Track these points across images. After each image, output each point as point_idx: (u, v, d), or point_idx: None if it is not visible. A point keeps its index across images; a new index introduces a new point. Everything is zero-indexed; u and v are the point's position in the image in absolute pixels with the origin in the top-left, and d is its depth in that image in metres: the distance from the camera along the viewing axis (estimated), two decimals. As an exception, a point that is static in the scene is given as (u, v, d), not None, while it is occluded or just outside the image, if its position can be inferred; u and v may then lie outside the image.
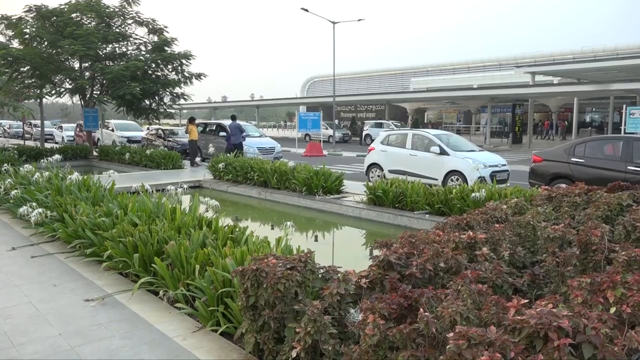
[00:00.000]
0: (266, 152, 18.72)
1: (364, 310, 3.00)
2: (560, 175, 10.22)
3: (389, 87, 64.97)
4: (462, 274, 3.65)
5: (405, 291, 3.25)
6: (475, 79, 52.59)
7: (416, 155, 12.72)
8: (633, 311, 3.25)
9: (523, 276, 4.33)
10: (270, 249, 4.92)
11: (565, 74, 38.18)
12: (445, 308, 2.87)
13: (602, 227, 4.76)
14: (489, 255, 4.29)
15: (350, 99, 53.52)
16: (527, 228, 5.26)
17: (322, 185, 11.11)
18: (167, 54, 21.09)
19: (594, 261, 4.42)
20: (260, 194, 12.18)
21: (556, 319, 2.67)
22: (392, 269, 3.97)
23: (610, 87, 29.50)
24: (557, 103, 44.47)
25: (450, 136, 13.60)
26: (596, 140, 10.93)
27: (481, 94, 37.01)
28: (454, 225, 5.32)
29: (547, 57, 48.46)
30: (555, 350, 2.54)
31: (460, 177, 11.60)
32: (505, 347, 2.49)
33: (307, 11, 31.25)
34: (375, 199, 9.85)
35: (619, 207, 6.00)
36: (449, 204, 8.62)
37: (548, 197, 6.74)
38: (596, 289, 3.45)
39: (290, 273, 3.49)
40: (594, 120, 50.79)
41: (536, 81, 36.52)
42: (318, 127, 29.70)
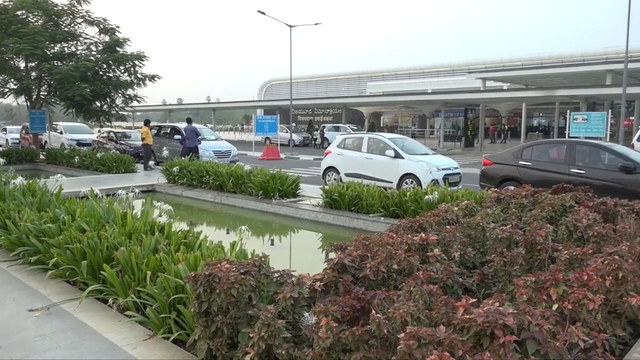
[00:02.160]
0: (222, 156, 18.50)
1: (317, 313, 3.01)
2: (509, 178, 10.59)
3: (346, 91, 65.62)
4: (414, 275, 3.72)
5: (358, 293, 3.28)
6: (430, 84, 53.85)
7: (372, 159, 12.89)
8: (574, 307, 3.40)
9: (473, 276, 4.46)
10: (225, 253, 4.86)
11: (514, 80, 39.69)
12: (397, 309, 2.92)
13: (546, 227, 4.97)
14: (440, 256, 4.39)
15: (308, 103, 53.67)
16: (477, 229, 5.41)
17: (279, 188, 11.08)
18: (119, 55, 20.51)
19: (539, 260, 4.60)
20: (216, 198, 12.02)
21: (502, 317, 2.76)
22: (346, 271, 4.00)
23: (555, 93, 30.83)
24: (506, 108, 46.11)
25: (405, 140, 13.85)
26: (542, 144, 11.40)
27: (435, 98, 37.91)
28: (407, 227, 5.41)
29: (497, 63, 50.20)
30: (501, 347, 2.62)
31: (414, 180, 11.83)
32: (453, 345, 2.55)
33: (263, 14, 31.15)
34: (332, 202, 9.91)
35: (562, 208, 6.28)
36: (403, 206, 8.77)
37: (497, 199, 6.97)
38: (540, 287, 3.60)
39: (243, 278, 3.46)
40: (541, 124, 52.95)
41: (487, 87, 37.76)
42: (275, 131, 29.62)
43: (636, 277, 3.79)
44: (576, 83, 35.71)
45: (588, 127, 20.89)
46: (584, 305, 3.37)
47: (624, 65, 22.04)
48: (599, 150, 10.13)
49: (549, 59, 47.06)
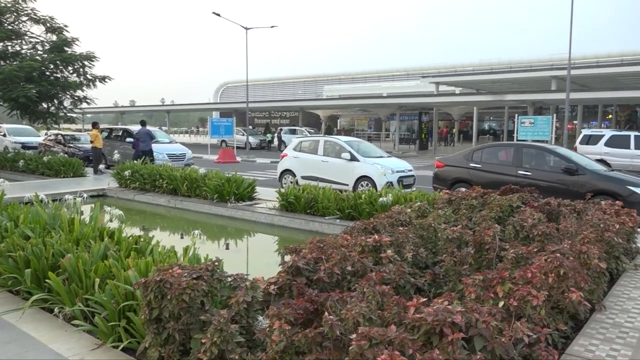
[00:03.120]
0: (176, 159, 18.15)
1: (270, 316, 3.00)
2: (460, 180, 10.89)
3: (303, 93, 65.77)
4: (367, 277, 3.77)
5: (312, 296, 3.29)
6: (386, 87, 54.77)
7: (328, 162, 12.96)
8: (519, 304, 3.53)
9: (425, 276, 4.56)
10: (177, 258, 4.77)
11: (466, 85, 40.87)
12: (349, 310, 2.95)
13: (494, 227, 5.14)
14: (393, 257, 4.47)
15: (265, 105, 53.47)
16: (429, 230, 5.54)
17: (235, 192, 10.98)
18: (67, 55, 19.79)
19: (487, 259, 4.76)
20: (170, 202, 11.78)
21: (450, 315, 2.84)
22: (300, 274, 4.01)
23: (505, 97, 31.95)
24: (459, 112, 47.39)
25: (361, 143, 14.01)
26: (491, 147, 11.78)
27: (390, 102, 38.55)
28: (361, 229, 5.48)
29: (450, 68, 51.58)
30: (449, 345, 2.69)
31: (369, 182, 11.97)
32: (404, 344, 2.60)
33: (219, 16, 30.80)
34: (288, 205, 9.90)
35: (510, 209, 6.51)
36: (358, 208, 8.87)
37: (448, 201, 7.16)
38: (487, 285, 3.72)
39: (196, 283, 3.41)
40: (492, 128, 54.75)
41: (440, 91, 38.73)
42: (231, 133, 29.32)
43: (577, 273, 3.98)
44: (524, 88, 37.14)
45: (535, 130, 21.76)
46: (529, 301, 3.51)
47: (567, 72, 23.11)
48: (544, 153, 10.57)
49: (499, 64, 48.78)
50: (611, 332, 3.94)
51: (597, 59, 43.86)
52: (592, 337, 3.83)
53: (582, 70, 31.69)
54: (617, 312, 4.39)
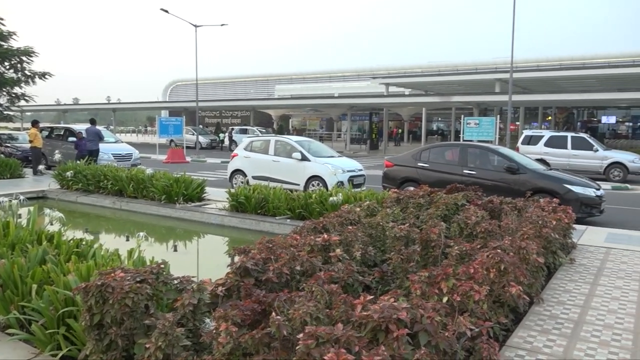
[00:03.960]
0: (122, 159, 17.58)
1: (216, 318, 2.96)
2: (409, 179, 11.13)
3: (255, 93, 65.27)
4: (316, 276, 3.78)
5: (259, 296, 3.27)
6: (337, 88, 55.16)
7: (279, 162, 12.92)
8: (462, 299, 3.64)
9: (373, 274, 4.63)
10: (121, 261, 4.62)
11: (415, 86, 41.80)
12: (297, 310, 2.95)
13: (440, 225, 5.28)
14: (342, 256, 4.50)
15: (215, 105, 52.66)
16: (377, 229, 5.63)
17: (183, 193, 10.75)
18: (2, 50, 18.74)
19: (433, 256, 4.88)
20: (115, 204, 11.40)
21: (396, 312, 2.89)
22: (249, 275, 3.97)
23: (452, 99, 32.90)
24: (408, 112, 48.42)
25: (312, 143, 14.05)
26: (438, 147, 12.11)
27: (341, 102, 38.89)
28: (310, 228, 5.49)
29: (400, 70, 52.56)
30: (395, 341, 2.74)
31: (320, 182, 12.03)
32: (350, 342, 2.63)
33: (167, 12, 30.08)
34: (238, 206, 9.79)
35: (455, 207, 6.70)
36: (309, 208, 8.89)
37: (397, 199, 7.29)
38: (432, 281, 3.81)
39: (139, 286, 3.31)
40: (440, 128, 56.24)
41: (390, 92, 39.41)
42: (180, 133, 28.71)
43: (516, 268, 4.15)
44: (470, 90, 38.38)
45: (480, 131, 22.53)
46: (471, 296, 3.63)
47: (510, 75, 24.06)
48: (487, 153, 10.96)
49: (446, 67, 50.13)
50: (548, 323, 4.14)
51: (538, 63, 45.88)
52: (531, 329, 4.00)
53: (524, 73, 33.08)
54: (553, 304, 4.61)
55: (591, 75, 31.48)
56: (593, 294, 4.91)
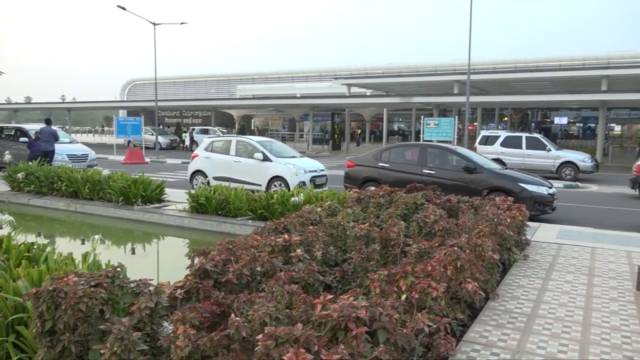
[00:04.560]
0: (78, 160, 17.03)
1: (174, 321, 2.91)
2: (370, 179, 11.24)
3: (216, 93, 64.52)
4: (276, 276, 3.77)
5: (218, 298, 3.24)
6: (299, 88, 55.13)
7: (240, 162, 12.82)
8: (420, 296, 3.71)
9: (334, 273, 4.65)
10: (75, 266, 4.48)
11: (376, 87, 42.29)
12: (256, 311, 2.94)
13: (399, 224, 5.36)
14: (303, 256, 4.51)
15: (175, 104, 51.73)
16: (338, 228, 5.66)
17: (142, 194, 10.51)
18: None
19: (393, 255, 4.95)
20: (70, 206, 11.03)
21: (355, 311, 2.92)
22: (208, 277, 3.92)
23: (412, 100, 33.42)
24: (370, 113, 48.87)
25: (273, 143, 14.00)
26: (398, 147, 12.29)
27: (304, 102, 38.86)
28: (271, 229, 5.48)
29: (361, 70, 53.03)
30: (354, 339, 2.77)
31: (282, 182, 12.00)
32: (309, 341, 2.64)
33: (124, 9, 29.34)
34: (198, 207, 9.66)
35: (415, 206, 6.82)
36: (270, 208, 8.86)
37: (357, 199, 7.36)
38: (392, 279, 3.87)
39: (94, 291, 3.22)
40: (401, 129, 57.07)
41: (352, 92, 39.72)
42: (139, 133, 28.06)
43: (472, 265, 4.26)
44: (430, 91, 39.10)
45: (439, 131, 22.99)
46: (429, 293, 3.70)
47: (467, 77, 24.66)
48: (446, 153, 11.20)
49: (407, 68, 50.89)
50: (503, 318, 4.27)
51: (495, 65, 47.18)
52: (486, 324, 4.12)
53: (481, 75, 33.95)
54: (508, 299, 4.76)
55: (544, 77, 32.64)
56: (545, 289, 5.10)
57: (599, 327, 4.10)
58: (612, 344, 3.77)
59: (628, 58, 41.72)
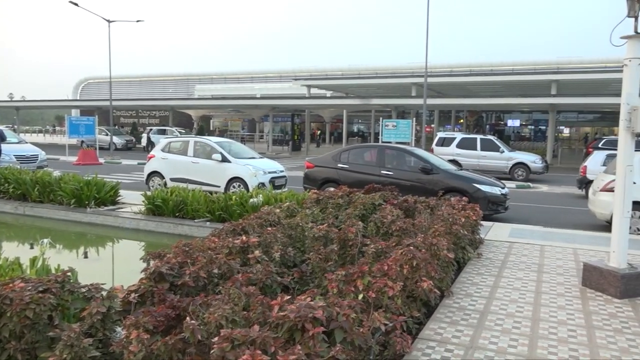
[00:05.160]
0: (27, 161, 16.34)
1: (127, 326, 2.85)
2: (329, 180, 11.30)
3: (174, 92, 63.29)
4: (233, 278, 3.75)
5: (174, 301, 3.19)
6: (259, 89, 54.81)
7: (198, 163, 12.63)
8: (377, 295, 3.76)
9: (292, 274, 4.66)
10: (22, 271, 4.31)
11: (336, 89, 42.52)
12: (212, 314, 2.91)
13: (357, 224, 5.42)
14: (261, 257, 4.49)
15: (131, 104, 50.39)
16: (297, 229, 5.67)
17: (95, 196, 10.20)
18: None
19: (351, 255, 5.00)
20: (17, 209, 10.58)
21: (312, 311, 2.93)
22: (163, 280, 3.86)
23: (371, 101, 33.81)
24: (330, 114, 49.09)
25: (232, 144, 13.87)
26: (357, 148, 12.41)
27: (263, 103, 38.69)
28: (229, 231, 5.43)
29: (321, 72, 53.22)
30: (310, 339, 2.78)
31: (241, 183, 11.90)
32: (266, 343, 2.63)
33: (77, 5, 28.40)
34: (155, 209, 9.46)
35: (373, 207, 6.91)
36: (229, 210, 8.77)
37: (316, 200, 7.39)
38: (349, 279, 3.90)
39: (42, 297, 3.11)
40: (361, 130, 57.62)
41: (312, 94, 39.77)
42: (92, 133, 27.20)
43: (428, 264, 4.35)
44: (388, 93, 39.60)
45: (397, 133, 23.34)
46: (385, 292, 3.76)
47: (424, 80, 25.16)
48: (404, 154, 11.39)
49: (366, 70, 51.45)
50: (457, 315, 4.38)
51: (451, 68, 48.33)
52: (441, 321, 4.22)
53: (438, 78, 34.68)
54: (462, 296, 4.88)
55: (498, 81, 33.68)
56: (497, 286, 5.26)
57: (547, 322, 4.27)
58: (559, 338, 3.94)
59: (576, 64, 43.60)
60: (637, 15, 4.87)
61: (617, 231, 5.08)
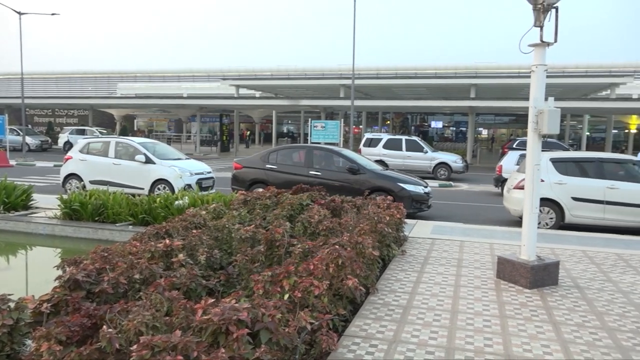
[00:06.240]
0: None
1: (36, 338, 2.68)
2: (257, 181, 11.23)
3: (94, 91, 60.20)
4: (155, 283, 3.64)
5: (90, 310, 3.04)
6: (186, 88, 53.34)
7: (120, 165, 12.11)
8: (303, 295, 3.79)
9: (219, 277, 4.58)
10: None
11: (265, 89, 42.29)
12: (131, 320, 2.80)
13: (284, 225, 5.43)
14: (185, 261, 4.38)
15: (47, 102, 47.35)
16: (223, 231, 5.58)
17: (4, 200, 9.49)
18: None
19: (278, 255, 4.99)
20: None
21: (236, 313, 2.90)
22: (79, 288, 3.67)
23: (300, 102, 33.97)
24: (259, 115, 48.79)
25: (157, 144, 13.43)
26: (285, 149, 12.43)
27: (191, 103, 37.71)
28: (152, 234, 5.26)
29: (250, 72, 52.77)
30: (235, 342, 2.76)
31: (167, 185, 11.55)
32: (188, 348, 2.58)
33: (-18, -5, 26.27)
34: (72, 213, 8.95)
35: (300, 207, 6.95)
36: (153, 213, 8.48)
37: (244, 201, 7.32)
38: (275, 280, 3.91)
39: (-62, 311, 2.86)
40: (290, 130, 57.73)
41: (240, 94, 39.30)
42: (2, 133, 25.31)
43: (353, 262, 4.44)
44: (317, 94, 40.00)
45: (326, 133, 23.60)
46: (311, 292, 3.79)
47: (352, 82, 25.65)
48: (331, 155, 11.55)
49: (295, 71, 51.60)
50: (382, 311, 4.50)
51: (378, 71, 49.55)
52: (366, 318, 4.32)
53: (365, 80, 35.50)
54: (387, 292, 5.03)
55: (421, 84, 34.98)
56: (420, 281, 5.47)
57: (465, 314, 4.49)
58: (475, 328, 4.16)
59: (493, 69, 46.16)
60: (543, 25, 5.24)
61: (527, 226, 5.45)
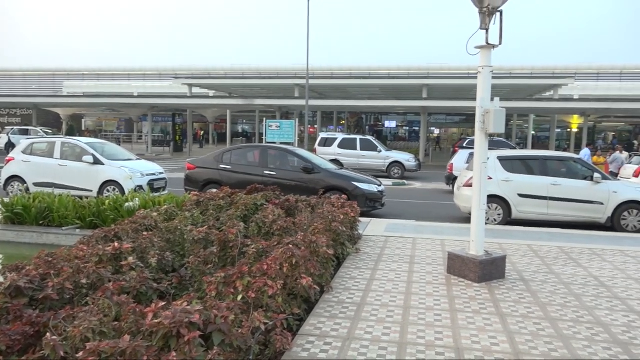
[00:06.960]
0: None
1: (-27, 350, 2.55)
2: (211, 181, 11.07)
3: (38, 89, 57.64)
4: (104, 288, 3.53)
5: (32, 317, 2.92)
6: (137, 87, 51.90)
7: (67, 166, 11.66)
8: (257, 295, 3.77)
9: (171, 280, 4.49)
10: None
11: (219, 88, 41.75)
12: (77, 327, 2.71)
13: (238, 225, 5.38)
14: (135, 264, 4.27)
15: (-15, 101, 45.01)
16: (175, 233, 5.48)
17: (-64, 205, 8.95)
18: None
19: (231, 256, 4.94)
20: None
21: (188, 316, 2.86)
22: (22, 294, 3.52)
23: (255, 102, 33.74)
24: (213, 114, 48.11)
25: (106, 145, 13.01)
26: (239, 148, 12.32)
27: (142, 102, 36.73)
28: (100, 237, 5.10)
29: (203, 71, 51.91)
30: (186, 345, 2.71)
31: (117, 187, 11.21)
32: (137, 353, 2.52)
33: None
34: (14, 217, 8.55)
35: (255, 207, 6.90)
36: (102, 216, 8.21)
37: (197, 202, 7.20)
38: (229, 281, 3.87)
39: None
40: (245, 130, 57.23)
41: (193, 93, 38.62)
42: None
43: (307, 261, 4.45)
44: (272, 94, 39.81)
45: (281, 133, 23.54)
46: (265, 292, 3.78)
47: (306, 81, 25.72)
48: (286, 154, 11.53)
49: (249, 70, 51.22)
50: (336, 309, 4.54)
51: (332, 71, 49.86)
52: (321, 316, 4.34)
53: (319, 80, 35.65)
54: (341, 290, 5.07)
55: (375, 84, 35.48)
56: (374, 278, 5.55)
57: (417, 309, 4.59)
58: (426, 322, 4.26)
59: (445, 70, 47.42)
60: (488, 28, 5.43)
61: (475, 222, 5.62)
